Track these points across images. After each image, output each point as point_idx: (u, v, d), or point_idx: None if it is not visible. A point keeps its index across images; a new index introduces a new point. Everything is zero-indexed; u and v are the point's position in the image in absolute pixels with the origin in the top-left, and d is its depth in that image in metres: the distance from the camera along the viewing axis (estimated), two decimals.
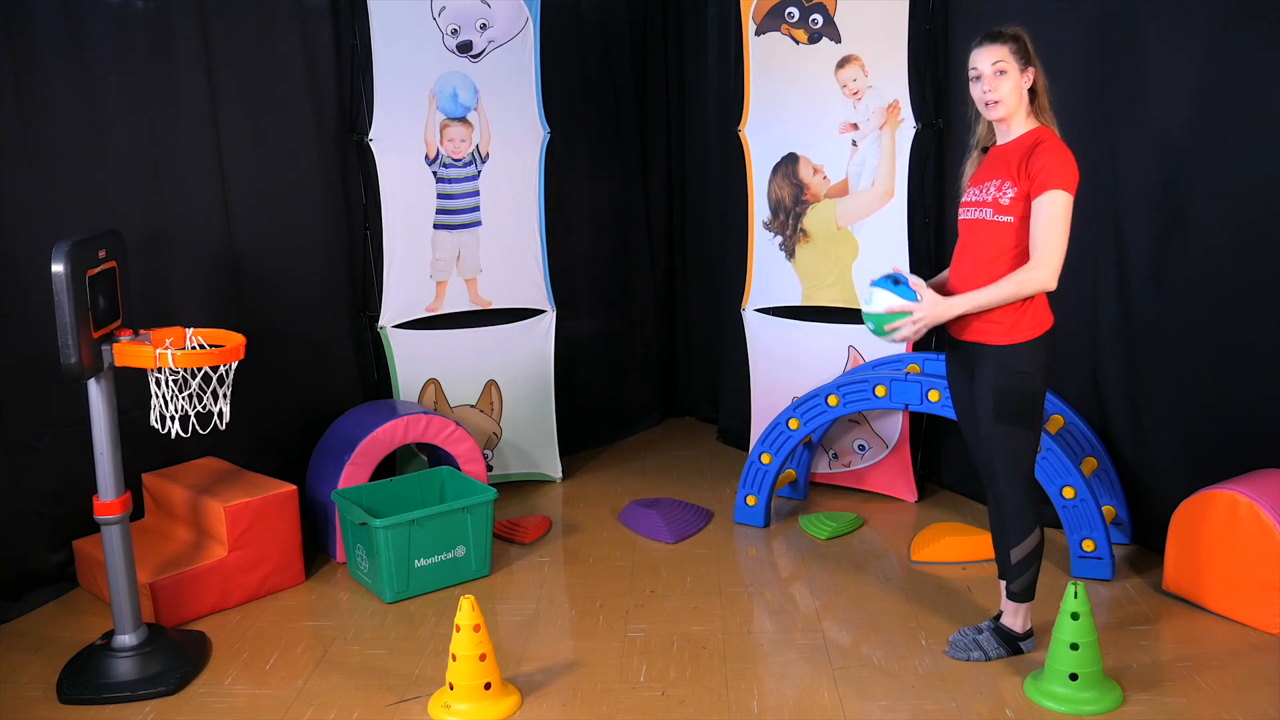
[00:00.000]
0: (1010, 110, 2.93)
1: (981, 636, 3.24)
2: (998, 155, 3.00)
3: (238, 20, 4.05)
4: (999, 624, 3.26)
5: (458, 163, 4.54)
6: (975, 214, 2.99)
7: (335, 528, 4.00)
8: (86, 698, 3.10)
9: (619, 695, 3.10)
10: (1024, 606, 3.21)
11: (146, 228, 3.88)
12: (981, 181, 3.00)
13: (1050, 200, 2.82)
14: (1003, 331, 2.96)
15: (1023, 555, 3.12)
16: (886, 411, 4.52)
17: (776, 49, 4.56)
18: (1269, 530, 3.26)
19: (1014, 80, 2.90)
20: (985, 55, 2.92)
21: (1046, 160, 2.84)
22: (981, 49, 2.93)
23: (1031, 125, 2.96)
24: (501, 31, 4.56)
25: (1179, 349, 3.68)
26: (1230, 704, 2.94)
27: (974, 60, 2.95)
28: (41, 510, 3.73)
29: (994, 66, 2.90)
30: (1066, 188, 2.84)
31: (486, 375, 4.75)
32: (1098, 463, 3.95)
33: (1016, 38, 2.92)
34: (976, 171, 3.07)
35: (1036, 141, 2.91)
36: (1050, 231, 2.84)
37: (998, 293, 2.89)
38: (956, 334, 3.09)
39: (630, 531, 4.33)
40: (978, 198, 2.99)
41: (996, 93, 2.91)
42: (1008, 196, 2.91)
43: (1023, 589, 3.17)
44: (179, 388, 3.13)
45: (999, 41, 2.91)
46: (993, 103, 2.93)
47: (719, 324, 5.44)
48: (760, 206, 4.74)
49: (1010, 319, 2.95)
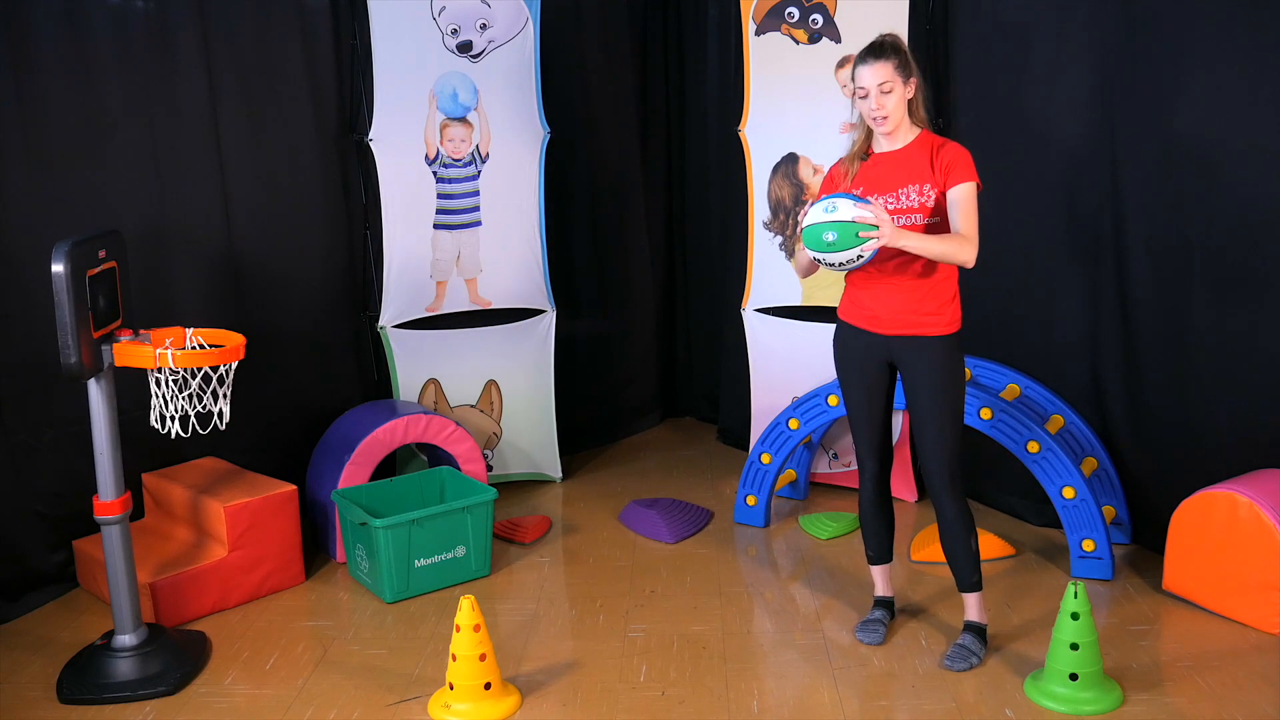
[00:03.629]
0: (897, 122, 3.06)
1: (966, 641, 3.25)
2: (894, 162, 3.09)
3: (238, 20, 4.05)
4: (972, 623, 3.29)
5: (458, 163, 4.54)
6: (905, 220, 3.06)
7: (335, 528, 4.00)
8: (86, 698, 3.10)
9: (619, 695, 3.10)
10: (982, 595, 3.29)
11: (146, 228, 3.88)
12: (891, 188, 3.07)
13: (967, 190, 2.99)
14: (941, 323, 3.07)
15: (976, 542, 3.22)
16: None
17: (776, 49, 4.56)
18: (1269, 530, 3.26)
19: (899, 95, 3.02)
20: (871, 74, 3.01)
21: (953, 157, 3.02)
22: (866, 67, 3.02)
23: (915, 131, 3.09)
24: (501, 31, 4.56)
25: (1179, 349, 3.68)
26: (1230, 704, 2.94)
27: (859, 78, 3.04)
28: (41, 510, 3.73)
29: (880, 86, 3.00)
30: (976, 178, 3.02)
31: (486, 375, 4.75)
32: (1098, 463, 3.95)
33: (898, 50, 3.03)
34: (869, 179, 3.11)
35: (937, 143, 3.06)
36: (970, 216, 2.99)
37: (939, 246, 2.97)
38: (883, 330, 3.11)
39: (630, 531, 4.33)
40: (895, 205, 3.07)
41: (884, 109, 3.02)
42: (930, 198, 3.03)
43: (980, 575, 3.25)
44: (179, 388, 3.13)
45: (883, 58, 3.01)
46: (881, 119, 3.04)
47: (719, 324, 5.44)
48: (760, 206, 4.74)
49: (947, 311, 3.09)
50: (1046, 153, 3.97)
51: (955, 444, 3.12)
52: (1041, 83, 3.95)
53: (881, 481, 3.33)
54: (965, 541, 3.19)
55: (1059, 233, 3.99)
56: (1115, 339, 3.87)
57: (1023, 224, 4.06)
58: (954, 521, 3.18)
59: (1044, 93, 3.95)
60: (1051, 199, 3.98)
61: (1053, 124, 3.94)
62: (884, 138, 3.11)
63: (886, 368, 3.18)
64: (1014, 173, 4.05)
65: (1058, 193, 3.96)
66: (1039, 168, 4.00)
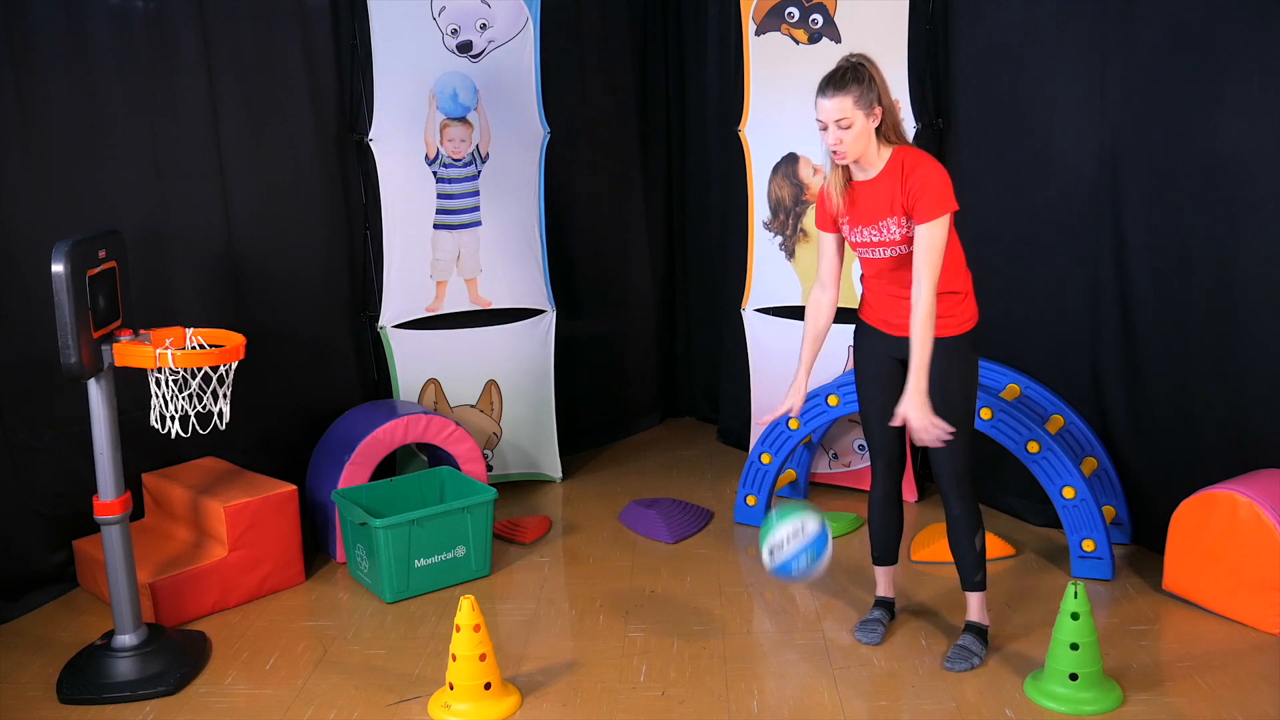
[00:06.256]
0: (860, 152, 2.94)
1: (966, 641, 3.24)
2: (869, 192, 3.00)
3: (238, 20, 4.04)
4: (974, 623, 3.28)
5: (458, 163, 4.54)
6: (887, 253, 3.02)
7: (335, 528, 4.00)
8: (86, 698, 3.10)
9: (619, 695, 3.11)
10: (984, 595, 3.28)
11: (146, 228, 3.89)
12: (873, 220, 3.00)
13: (932, 229, 2.88)
14: (954, 324, 3.05)
15: (983, 541, 3.21)
16: None
17: (776, 49, 4.56)
18: (1269, 530, 3.26)
19: (859, 129, 2.89)
20: (828, 109, 2.88)
21: (923, 189, 2.88)
22: (825, 99, 2.88)
23: (887, 154, 2.96)
24: (501, 31, 4.56)
25: (1179, 349, 3.68)
26: (1230, 704, 2.94)
27: (818, 110, 2.90)
28: (41, 510, 3.73)
29: (837, 122, 2.89)
30: (944, 210, 2.88)
31: (486, 375, 4.75)
32: (1098, 463, 3.95)
33: (859, 78, 2.87)
34: (857, 209, 3.03)
35: (903, 169, 2.92)
36: (929, 260, 2.89)
37: (924, 330, 2.91)
38: (898, 333, 3.08)
39: (630, 531, 4.33)
40: (879, 238, 3.01)
41: (843, 146, 2.91)
42: (908, 227, 2.95)
43: (984, 575, 3.25)
44: (179, 388, 3.13)
45: (842, 91, 2.86)
46: (839, 154, 2.94)
47: (719, 324, 5.44)
48: (760, 206, 4.74)
49: (958, 312, 3.07)
50: (1046, 153, 3.97)
51: (961, 445, 3.08)
52: (1042, 83, 3.95)
53: (892, 483, 3.32)
54: (970, 541, 3.18)
55: (1059, 232, 3.99)
56: (1115, 339, 3.87)
57: (1023, 224, 4.06)
58: (958, 520, 3.18)
59: (1044, 93, 3.95)
60: (1052, 198, 3.98)
61: (1053, 124, 3.94)
62: (856, 168, 3.01)
63: (900, 368, 3.12)
64: (1014, 172, 4.05)
65: (1058, 192, 3.96)
66: (1039, 168, 3.99)
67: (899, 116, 3.02)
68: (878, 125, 2.93)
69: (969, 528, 3.18)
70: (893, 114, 2.95)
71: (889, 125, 2.94)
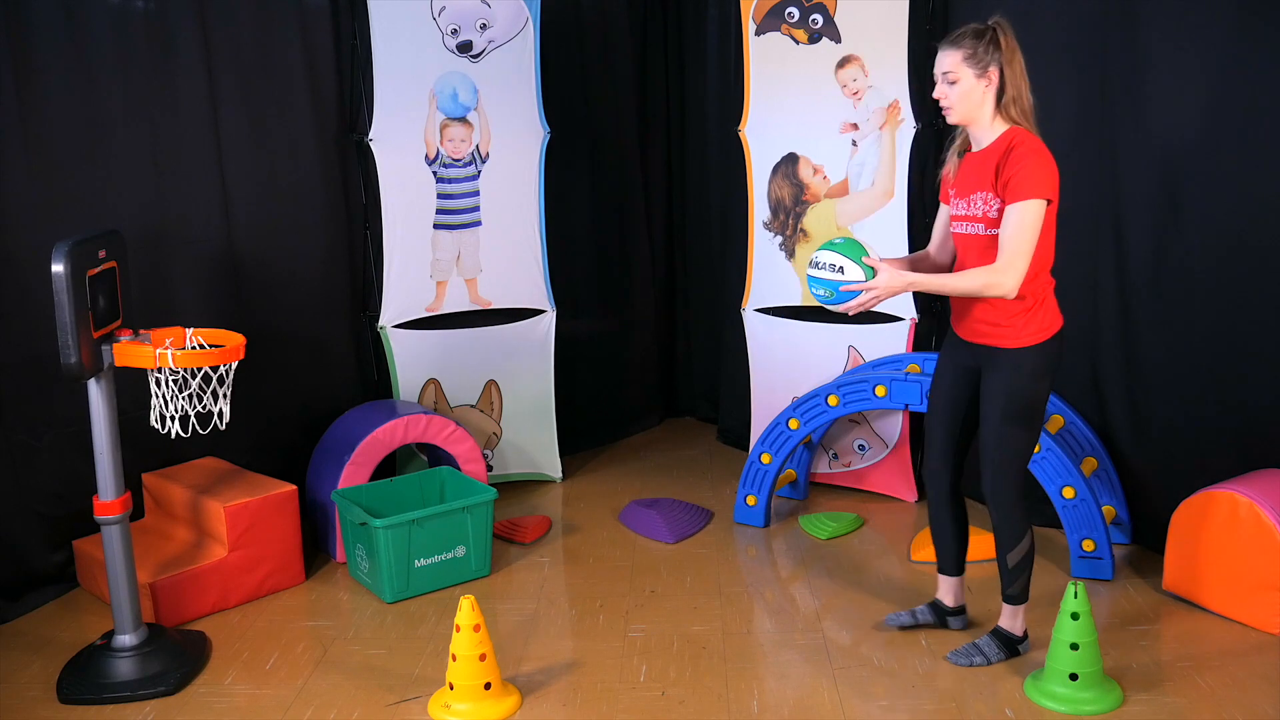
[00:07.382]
0: (968, 116, 2.89)
1: (981, 641, 3.24)
2: (975, 163, 2.95)
3: (238, 20, 4.05)
4: (997, 627, 3.26)
5: (458, 163, 4.54)
6: (970, 229, 2.96)
7: (335, 528, 4.00)
8: (86, 698, 3.10)
9: (619, 695, 3.10)
10: (1021, 608, 3.21)
11: (146, 228, 3.88)
12: (967, 193, 2.96)
13: (1021, 209, 2.78)
14: (1012, 335, 2.95)
15: (1019, 558, 3.13)
16: (886, 411, 4.53)
17: (776, 49, 4.56)
18: (1269, 530, 3.26)
19: (967, 87, 2.83)
20: (940, 61, 2.86)
21: (1019, 167, 2.79)
22: (940, 52, 2.87)
23: (1001, 129, 2.89)
24: (501, 31, 4.56)
25: (1179, 349, 3.68)
26: (1230, 704, 2.94)
27: (936, 62, 2.89)
28: (41, 510, 3.73)
29: (945, 75, 2.86)
30: (1040, 194, 2.79)
31: (486, 375, 4.75)
32: (1098, 463, 3.95)
33: (978, 36, 2.82)
34: (959, 179, 3.01)
35: (1009, 146, 2.84)
36: (1018, 239, 2.79)
37: (961, 283, 2.87)
38: (964, 336, 3.08)
39: (630, 531, 4.33)
40: (967, 211, 2.95)
41: (947, 100, 2.88)
42: (995, 210, 2.87)
43: (1020, 591, 3.18)
44: (179, 388, 3.13)
45: (955, 46, 2.83)
46: (946, 109, 2.90)
47: (719, 324, 5.44)
48: (760, 206, 4.74)
49: (1020, 322, 2.94)
50: None
51: (1002, 456, 3.01)
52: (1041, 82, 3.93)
53: (948, 489, 3.26)
54: (1004, 555, 3.14)
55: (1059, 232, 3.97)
56: (1115, 339, 3.87)
57: None
58: (995, 532, 3.15)
59: (1044, 92, 3.93)
60: None
61: (1053, 124, 3.92)
62: (971, 134, 2.94)
63: (972, 374, 3.08)
64: None
65: None
66: None
67: (1027, 96, 2.88)
68: (998, 94, 2.85)
69: (1002, 542, 3.13)
70: (1016, 88, 2.84)
71: (1010, 98, 2.85)
